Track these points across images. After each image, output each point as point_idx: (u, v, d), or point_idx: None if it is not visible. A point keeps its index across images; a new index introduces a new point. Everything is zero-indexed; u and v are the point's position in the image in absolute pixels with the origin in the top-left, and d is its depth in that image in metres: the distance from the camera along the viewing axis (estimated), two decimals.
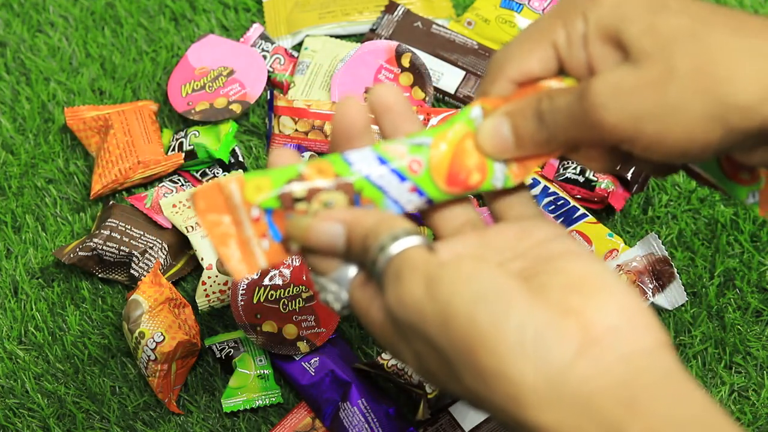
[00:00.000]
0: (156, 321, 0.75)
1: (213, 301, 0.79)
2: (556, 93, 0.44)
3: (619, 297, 0.40)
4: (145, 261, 0.80)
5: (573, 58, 0.45)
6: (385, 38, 0.92)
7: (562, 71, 0.46)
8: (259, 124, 0.90)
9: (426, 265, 0.41)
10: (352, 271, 0.45)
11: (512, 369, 0.38)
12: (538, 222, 0.46)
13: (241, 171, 0.85)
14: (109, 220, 0.81)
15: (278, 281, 0.76)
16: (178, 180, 0.86)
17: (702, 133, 0.41)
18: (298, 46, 0.94)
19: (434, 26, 0.92)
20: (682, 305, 0.78)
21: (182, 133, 0.87)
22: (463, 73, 0.90)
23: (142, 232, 0.81)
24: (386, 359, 0.74)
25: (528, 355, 0.38)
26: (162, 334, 0.74)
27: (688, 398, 0.38)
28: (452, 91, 0.90)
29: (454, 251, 0.44)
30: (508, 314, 0.38)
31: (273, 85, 0.91)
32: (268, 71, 0.91)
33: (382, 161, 0.44)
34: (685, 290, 0.78)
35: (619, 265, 0.77)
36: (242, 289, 0.75)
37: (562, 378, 0.38)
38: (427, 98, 0.88)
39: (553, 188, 0.83)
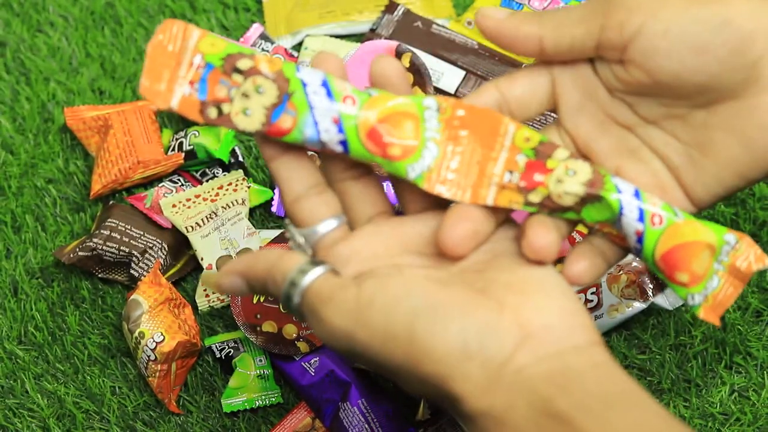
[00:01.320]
0: (156, 321, 0.75)
1: (213, 301, 0.79)
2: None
3: (556, 298, 0.42)
4: (145, 261, 0.80)
5: (573, 96, 0.47)
6: (385, 38, 0.92)
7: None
8: None
9: (343, 294, 0.42)
10: (327, 227, 0.47)
11: (457, 372, 0.40)
12: None
13: (241, 171, 0.85)
14: (108, 220, 0.81)
15: None
16: (178, 180, 0.85)
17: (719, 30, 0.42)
18: (298, 46, 0.94)
19: (434, 26, 0.92)
20: (682, 305, 0.78)
21: (182, 133, 0.87)
22: (464, 72, 0.90)
23: (141, 232, 0.81)
24: None
25: (472, 356, 0.40)
26: (162, 334, 0.74)
27: (616, 379, 0.40)
28: (452, 91, 0.90)
29: (368, 259, 0.45)
30: (446, 324, 0.40)
31: None
32: None
33: (325, 84, 0.46)
34: None
35: (619, 266, 0.77)
36: None
37: (500, 370, 0.40)
38: None
39: None
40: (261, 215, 0.84)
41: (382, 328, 0.41)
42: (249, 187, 0.84)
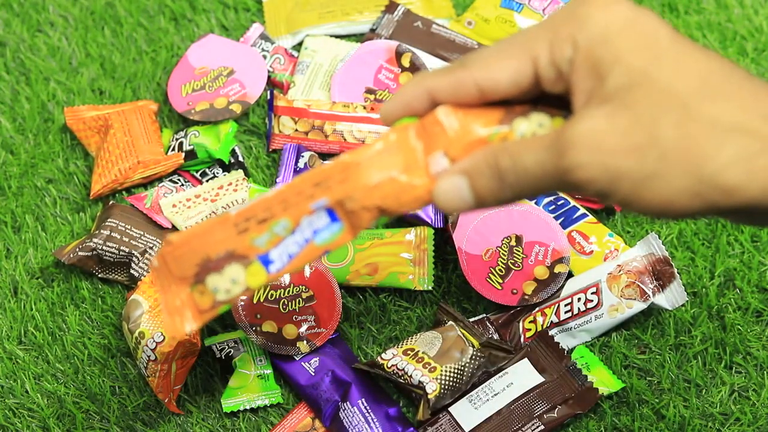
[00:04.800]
0: (156, 321, 0.75)
1: None
2: (516, 149, 0.43)
3: None
4: (145, 261, 0.80)
5: (551, 79, 0.43)
6: (386, 38, 0.92)
7: (533, 87, 0.44)
8: (259, 124, 0.90)
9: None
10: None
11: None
12: None
13: (241, 171, 0.84)
14: (108, 220, 0.81)
15: (278, 281, 0.75)
16: (178, 180, 0.85)
17: (680, 203, 0.40)
18: (298, 46, 0.94)
19: (434, 26, 0.92)
20: (683, 305, 0.78)
21: (182, 133, 0.87)
22: None
23: (142, 232, 0.81)
24: (387, 359, 0.74)
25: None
26: (162, 334, 0.74)
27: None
28: None
29: None
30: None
31: (273, 84, 0.91)
32: (268, 71, 0.91)
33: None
34: (686, 290, 0.77)
35: (619, 265, 0.77)
36: None
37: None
38: None
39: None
40: None
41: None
42: (249, 188, 0.83)
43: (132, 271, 0.79)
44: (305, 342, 0.76)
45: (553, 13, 0.44)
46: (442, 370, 0.72)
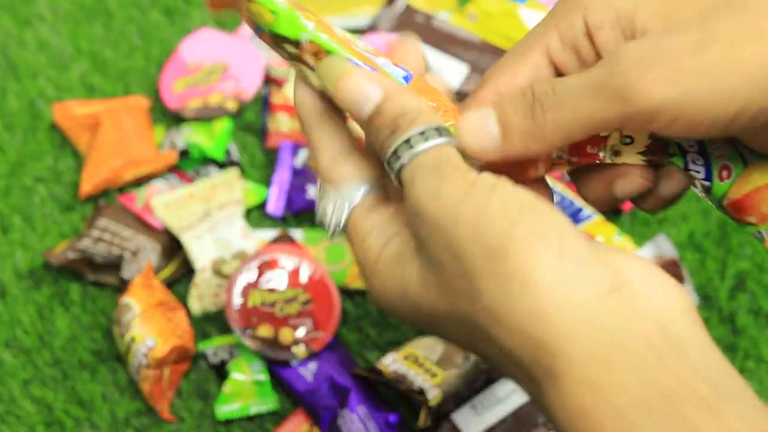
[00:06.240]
0: (148, 325, 0.74)
1: (207, 305, 0.78)
2: (557, 79, 0.40)
3: (647, 263, 0.37)
4: (137, 263, 0.79)
5: (569, 60, 0.42)
6: (386, 32, 0.91)
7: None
8: (254, 121, 0.89)
9: (466, 170, 0.38)
10: (361, 191, 0.42)
11: (545, 282, 0.35)
12: None
13: (236, 170, 0.84)
14: (99, 220, 0.81)
15: (274, 285, 0.75)
16: (171, 179, 0.85)
17: (757, 89, 0.37)
18: None
19: (436, 20, 0.92)
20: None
21: (175, 131, 0.86)
22: (466, 67, 0.89)
23: (133, 233, 0.80)
24: (386, 365, 0.73)
25: (564, 273, 0.35)
26: (154, 339, 0.73)
27: (721, 362, 0.35)
28: (455, 86, 0.89)
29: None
30: (550, 230, 0.36)
31: (269, 80, 0.91)
32: (264, 67, 0.90)
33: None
34: (696, 292, 0.77)
35: None
36: (237, 293, 0.75)
37: (593, 309, 0.35)
38: None
39: (559, 188, 0.82)
40: (256, 216, 0.84)
41: (483, 207, 0.36)
42: (244, 187, 0.83)
43: (123, 273, 0.79)
44: (302, 347, 0.75)
45: (552, 8, 0.43)
46: (443, 376, 0.72)
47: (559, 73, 0.43)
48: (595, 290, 0.35)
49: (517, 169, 0.44)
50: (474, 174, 0.38)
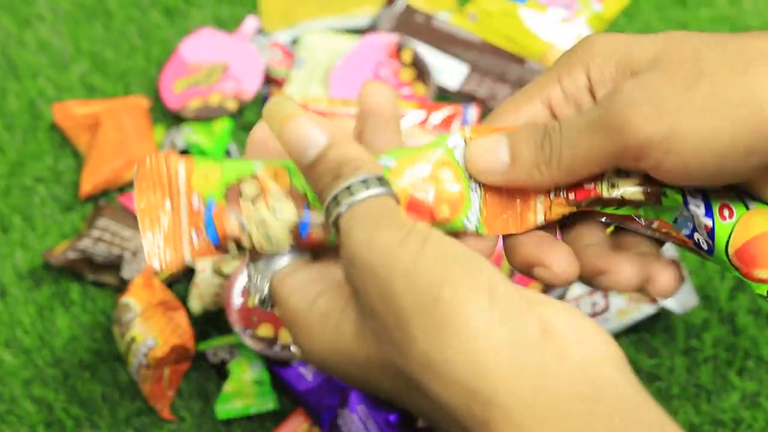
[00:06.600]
0: (148, 325, 0.74)
1: (207, 305, 0.78)
2: (565, 118, 0.42)
3: (575, 313, 0.38)
4: (137, 263, 0.79)
5: (570, 113, 0.43)
6: (386, 32, 0.91)
7: None
8: (254, 120, 0.89)
9: (405, 219, 0.38)
10: (282, 261, 0.42)
11: (478, 330, 0.35)
12: None
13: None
14: (99, 220, 0.81)
15: None
16: None
17: (751, 124, 0.38)
18: (295, 41, 0.93)
19: (436, 20, 0.92)
20: (693, 308, 0.77)
21: (175, 131, 0.86)
22: (466, 67, 0.89)
23: (133, 233, 0.80)
24: None
25: (495, 321, 0.36)
26: (154, 339, 0.73)
27: (649, 410, 0.36)
28: (454, 87, 0.89)
29: None
30: (480, 280, 0.36)
31: (269, 81, 0.91)
32: (264, 66, 0.90)
33: None
34: (696, 292, 0.77)
35: None
36: (237, 293, 0.74)
37: (524, 358, 0.36)
38: (428, 93, 0.87)
39: None
40: None
41: (417, 256, 0.37)
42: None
43: (123, 273, 0.78)
44: None
45: (556, 60, 0.44)
46: None
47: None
48: (526, 340, 0.36)
49: (517, 215, 0.44)
50: (410, 223, 0.38)
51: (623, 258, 0.44)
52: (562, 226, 0.46)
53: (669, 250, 0.78)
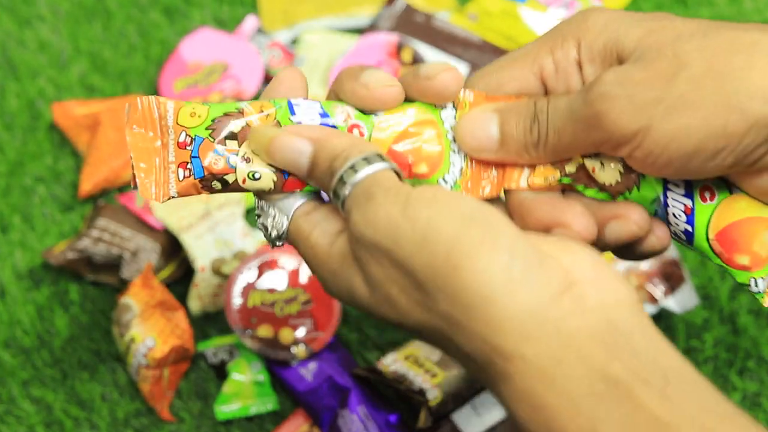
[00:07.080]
0: (147, 325, 0.74)
1: (206, 305, 0.78)
2: (554, 95, 0.43)
3: (594, 258, 0.39)
4: (136, 263, 0.79)
5: (561, 85, 0.43)
6: (386, 32, 0.91)
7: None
8: None
9: (400, 188, 0.39)
10: (298, 200, 0.43)
11: (498, 291, 0.37)
12: None
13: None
14: (98, 220, 0.80)
15: (274, 285, 0.75)
16: None
17: (720, 124, 0.39)
18: (295, 41, 0.93)
19: (436, 20, 0.92)
20: (693, 308, 0.77)
21: None
22: (466, 67, 0.89)
23: (133, 233, 0.80)
24: (387, 365, 0.73)
25: (515, 280, 0.37)
26: (154, 339, 0.73)
27: (666, 349, 0.37)
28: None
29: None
30: (497, 237, 0.37)
31: (269, 80, 0.91)
32: (264, 66, 0.90)
33: (324, 115, 0.43)
34: (696, 292, 0.77)
35: (627, 267, 0.76)
36: (237, 293, 0.74)
37: (544, 311, 0.37)
38: None
39: None
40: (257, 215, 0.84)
41: (425, 224, 0.38)
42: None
43: (122, 274, 0.78)
44: (302, 347, 0.75)
45: (550, 29, 0.44)
46: (444, 376, 0.71)
47: (546, 92, 0.44)
48: (545, 293, 0.37)
49: (500, 177, 0.44)
50: (407, 188, 0.39)
51: (576, 203, 0.45)
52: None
53: (669, 250, 0.77)
